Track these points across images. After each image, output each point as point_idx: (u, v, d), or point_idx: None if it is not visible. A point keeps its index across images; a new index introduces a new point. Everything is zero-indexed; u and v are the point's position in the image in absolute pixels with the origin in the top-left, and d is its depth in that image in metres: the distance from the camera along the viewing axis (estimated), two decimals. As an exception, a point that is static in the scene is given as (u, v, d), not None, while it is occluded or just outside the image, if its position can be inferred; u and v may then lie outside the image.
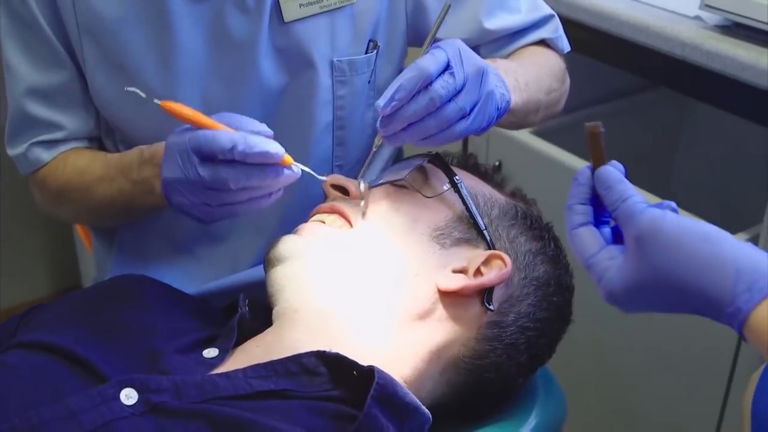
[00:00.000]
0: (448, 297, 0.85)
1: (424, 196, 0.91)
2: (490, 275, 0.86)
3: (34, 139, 1.05)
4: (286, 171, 0.85)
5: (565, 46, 1.15)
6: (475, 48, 1.08)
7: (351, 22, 1.04)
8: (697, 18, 1.40)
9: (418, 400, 0.78)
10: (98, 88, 1.02)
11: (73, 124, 1.05)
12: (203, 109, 1.00)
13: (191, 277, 1.08)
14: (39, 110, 1.03)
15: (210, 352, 0.83)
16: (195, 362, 0.82)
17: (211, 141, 0.83)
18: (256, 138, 0.83)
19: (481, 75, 0.85)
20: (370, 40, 1.06)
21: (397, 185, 0.93)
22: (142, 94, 0.88)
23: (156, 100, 0.86)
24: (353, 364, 0.78)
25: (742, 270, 0.61)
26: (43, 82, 1.02)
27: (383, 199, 0.92)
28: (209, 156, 0.84)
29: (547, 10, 1.13)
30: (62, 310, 0.91)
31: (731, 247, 0.63)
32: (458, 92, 0.83)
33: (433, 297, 0.86)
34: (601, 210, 0.72)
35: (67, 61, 1.01)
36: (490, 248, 0.88)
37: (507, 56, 1.09)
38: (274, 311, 0.87)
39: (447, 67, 0.83)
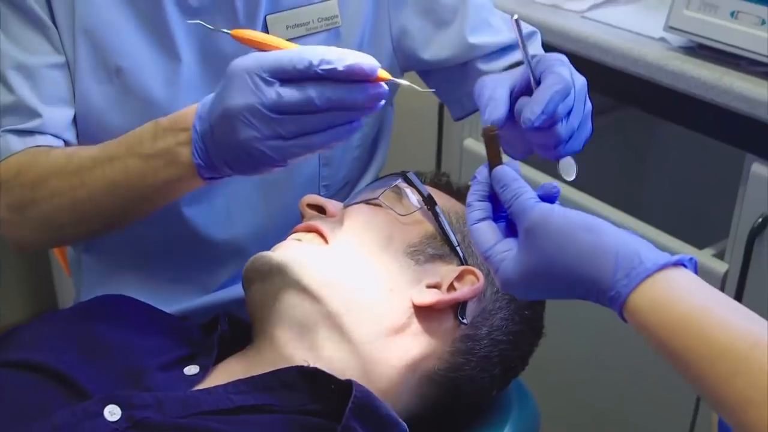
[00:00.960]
0: (422, 312, 0.87)
1: (398, 214, 0.93)
2: (463, 290, 0.88)
3: (9, 126, 0.97)
4: (378, 89, 0.78)
5: None
6: (471, 62, 1.10)
7: (335, 44, 1.05)
8: (662, 40, 1.43)
9: (394, 413, 0.80)
10: (85, 91, 0.99)
11: (52, 116, 0.98)
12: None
13: (166, 299, 1.08)
14: (23, 89, 0.97)
15: (191, 369, 0.85)
16: (177, 379, 0.84)
17: (295, 58, 0.76)
18: (346, 51, 0.77)
19: (585, 92, 0.83)
20: None
21: (371, 204, 0.95)
22: (209, 27, 0.86)
23: (225, 30, 0.82)
24: (331, 378, 0.80)
25: (622, 257, 0.65)
26: (33, 62, 0.97)
27: (358, 217, 0.94)
28: (290, 77, 0.77)
29: (530, 27, 1.14)
30: (44, 329, 0.91)
31: (612, 237, 0.66)
32: (570, 111, 0.79)
33: (408, 311, 0.87)
34: (499, 205, 0.74)
35: (61, 51, 0.99)
36: (463, 264, 0.90)
37: (505, 69, 1.08)
38: (253, 327, 0.89)
39: None
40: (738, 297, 1.33)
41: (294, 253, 0.91)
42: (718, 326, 0.61)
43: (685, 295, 0.63)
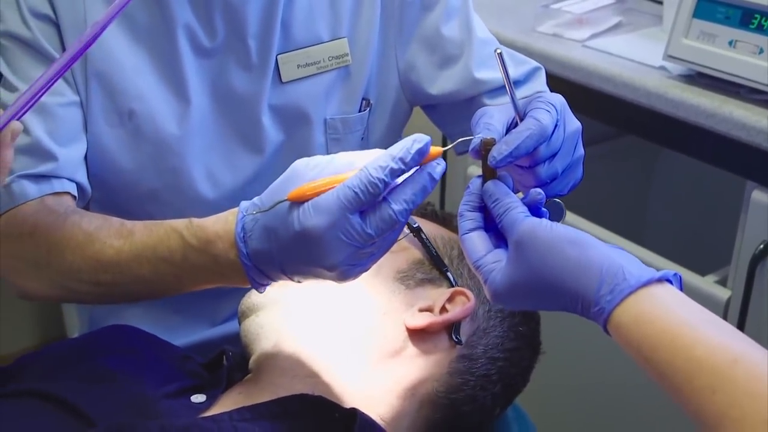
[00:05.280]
0: (416, 335, 0.88)
1: None
2: (455, 311, 0.89)
3: (24, 171, 0.94)
4: (440, 164, 0.77)
5: None
6: (477, 97, 1.11)
7: (346, 82, 1.07)
8: (662, 68, 1.45)
9: (398, 441, 0.81)
10: (97, 135, 0.99)
11: (67, 157, 0.97)
12: (205, 162, 1.03)
13: (173, 331, 1.09)
14: (38, 130, 0.95)
15: (198, 398, 0.86)
16: (183, 407, 0.84)
17: (363, 187, 0.73)
18: (398, 146, 0.75)
19: (577, 137, 0.83)
20: (363, 99, 1.09)
21: None
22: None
23: (284, 199, 0.76)
24: (335, 406, 0.80)
25: (606, 272, 0.66)
26: (48, 100, 0.96)
27: None
28: (363, 205, 0.74)
29: (534, 63, 1.14)
30: (51, 358, 0.92)
31: (597, 251, 0.68)
32: (554, 154, 0.80)
33: (402, 335, 0.88)
34: (491, 215, 0.75)
35: (75, 90, 0.98)
36: (453, 286, 0.92)
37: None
38: (251, 360, 0.90)
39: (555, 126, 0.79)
40: (741, 323, 1.33)
41: (287, 284, 0.91)
42: (699, 341, 0.62)
43: (667, 310, 0.64)
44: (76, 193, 0.98)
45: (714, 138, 1.33)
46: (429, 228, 0.97)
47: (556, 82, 1.52)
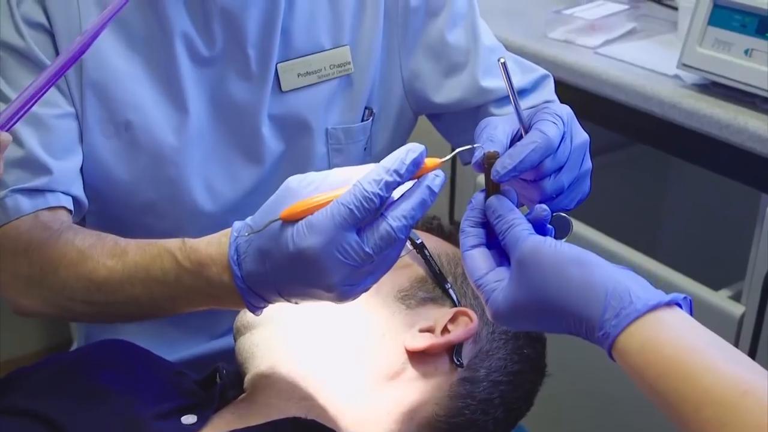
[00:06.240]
0: (416, 356, 0.86)
1: None
2: (457, 332, 0.86)
3: (18, 186, 0.92)
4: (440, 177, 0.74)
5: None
6: (483, 106, 1.09)
7: (348, 90, 1.05)
8: (676, 77, 1.42)
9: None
10: (92, 146, 0.97)
11: (62, 170, 0.94)
12: (203, 173, 1.01)
13: (170, 344, 1.07)
14: (32, 142, 0.93)
15: (188, 419, 0.84)
16: (174, 428, 0.82)
17: (357, 203, 0.71)
18: (391, 158, 0.72)
19: (585, 150, 0.81)
20: (365, 108, 1.07)
21: None
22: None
23: (276, 218, 0.73)
24: (329, 431, 0.78)
25: (612, 295, 0.64)
26: (43, 112, 0.93)
27: None
28: (359, 222, 0.72)
29: (541, 71, 1.12)
30: (42, 374, 0.90)
31: (602, 272, 0.65)
32: (560, 168, 0.77)
33: (401, 357, 0.86)
34: (494, 231, 0.73)
35: (70, 101, 0.96)
36: (456, 306, 0.89)
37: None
38: (245, 379, 0.88)
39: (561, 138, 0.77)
40: (755, 340, 1.30)
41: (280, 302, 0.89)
42: (708, 370, 0.59)
43: (675, 336, 0.62)
44: (71, 207, 0.96)
45: (728, 149, 1.30)
46: (433, 243, 0.94)
47: (567, 90, 1.50)
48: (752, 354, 1.31)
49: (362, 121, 1.07)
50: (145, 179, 1.00)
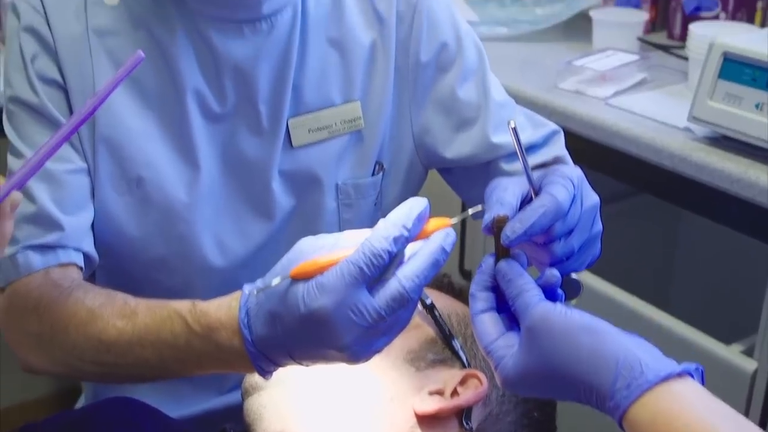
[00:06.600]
0: (426, 420, 0.85)
1: None
2: (467, 395, 0.85)
3: (29, 242, 0.92)
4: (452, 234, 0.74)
5: (570, 160, 1.13)
6: (494, 162, 1.08)
7: (358, 146, 1.05)
8: (687, 129, 1.42)
9: None
10: (104, 201, 0.97)
11: (73, 227, 0.94)
12: (214, 229, 1.01)
13: (179, 399, 1.07)
14: (44, 198, 0.93)
15: (195, 479, 0.84)
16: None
17: (367, 260, 0.71)
18: (397, 213, 0.73)
19: (595, 212, 0.81)
20: (376, 163, 1.07)
21: None
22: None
23: (284, 276, 0.74)
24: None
25: (623, 365, 0.63)
26: (55, 168, 0.94)
27: None
28: (369, 280, 0.72)
29: (552, 126, 1.11)
30: (51, 429, 0.90)
31: (613, 341, 0.65)
32: (571, 231, 0.77)
33: (410, 421, 0.85)
34: (504, 296, 0.73)
35: (83, 156, 0.96)
36: (465, 367, 0.88)
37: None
38: None
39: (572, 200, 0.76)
40: (767, 397, 1.29)
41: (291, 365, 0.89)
42: None
43: (687, 409, 0.62)
44: (82, 264, 0.96)
45: (739, 204, 1.30)
46: (443, 303, 0.94)
47: (577, 141, 1.50)
48: (765, 410, 1.29)
49: (372, 175, 1.07)
50: (156, 235, 1.00)
